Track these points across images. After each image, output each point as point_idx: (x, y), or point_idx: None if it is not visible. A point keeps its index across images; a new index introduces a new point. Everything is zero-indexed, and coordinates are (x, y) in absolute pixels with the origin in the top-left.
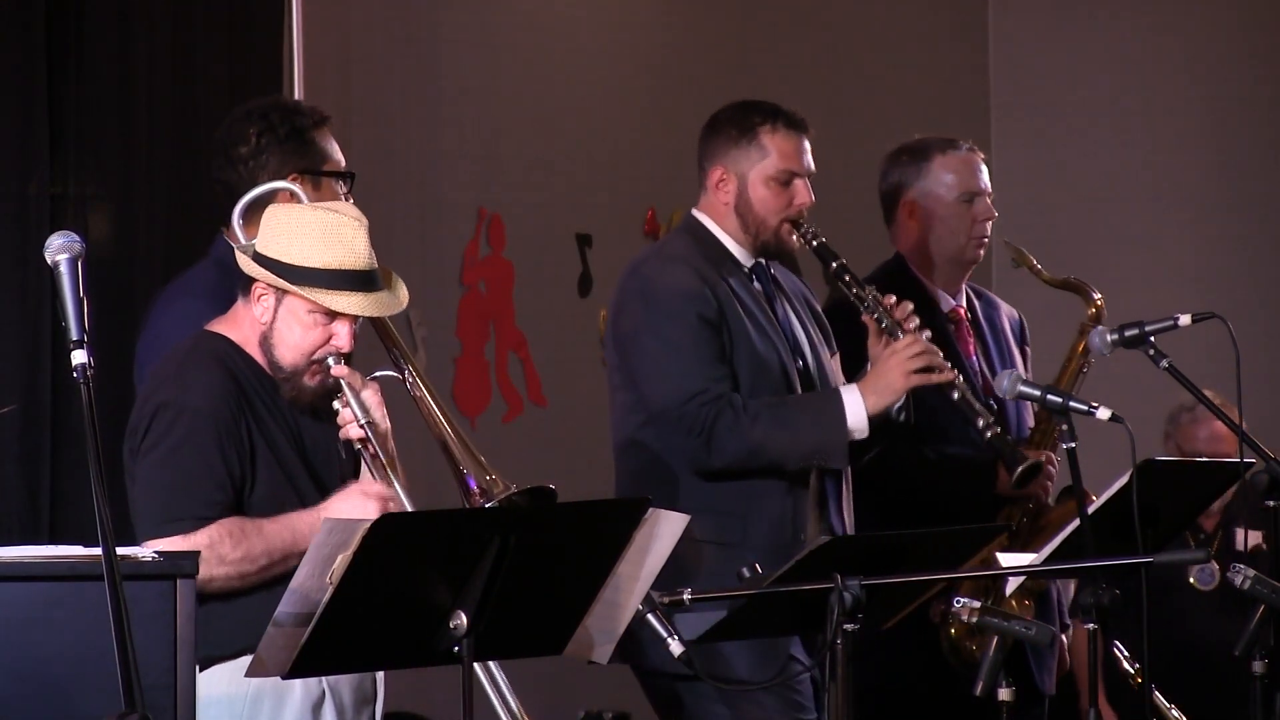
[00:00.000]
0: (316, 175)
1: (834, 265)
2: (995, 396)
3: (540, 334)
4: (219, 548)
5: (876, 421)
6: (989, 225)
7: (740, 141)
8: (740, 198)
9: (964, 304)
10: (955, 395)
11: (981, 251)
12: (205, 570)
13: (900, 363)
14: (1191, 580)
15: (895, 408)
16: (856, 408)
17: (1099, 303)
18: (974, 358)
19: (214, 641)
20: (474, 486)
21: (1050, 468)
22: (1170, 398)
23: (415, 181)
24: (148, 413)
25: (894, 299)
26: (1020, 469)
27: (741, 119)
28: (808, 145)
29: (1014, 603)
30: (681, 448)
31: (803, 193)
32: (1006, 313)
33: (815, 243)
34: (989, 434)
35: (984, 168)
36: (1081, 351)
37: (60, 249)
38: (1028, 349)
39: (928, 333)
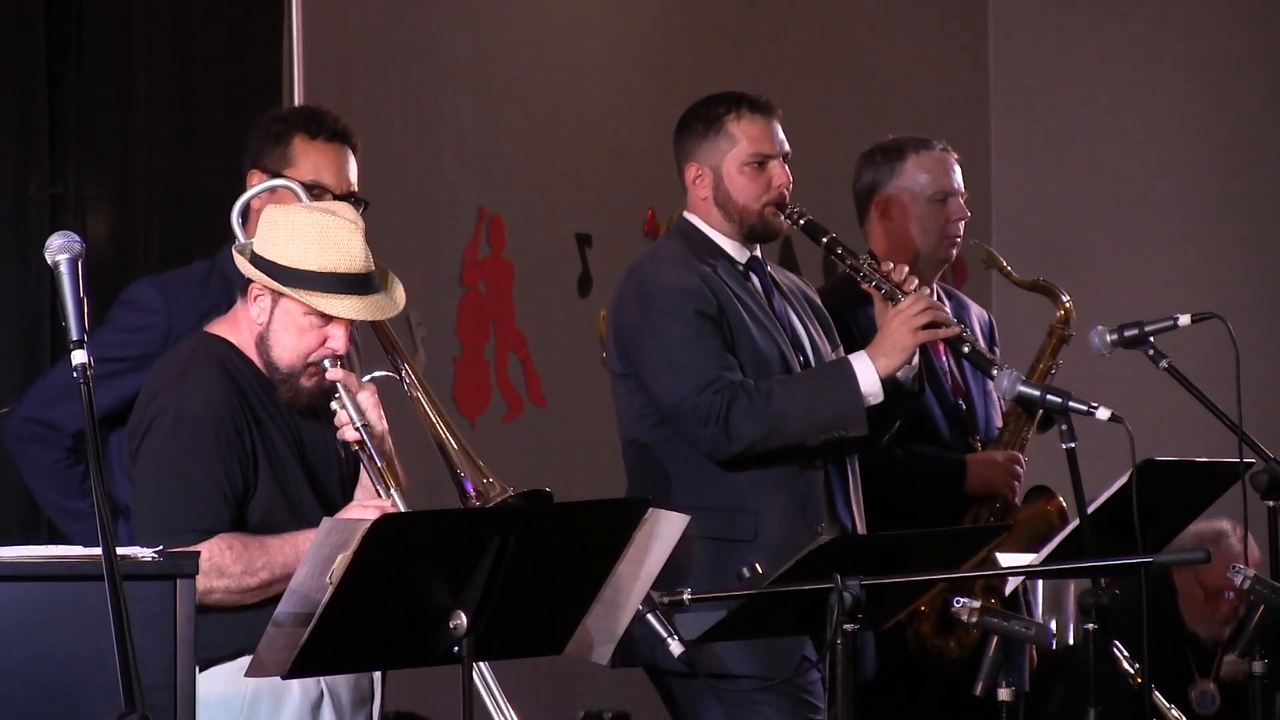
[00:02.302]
0: (272, 176)
1: (824, 240)
2: (963, 397)
3: (540, 334)
4: (218, 560)
5: (889, 386)
6: (961, 225)
7: (708, 134)
8: (718, 189)
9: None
10: (965, 349)
11: (954, 251)
12: (204, 583)
13: (906, 320)
14: (1193, 705)
15: (909, 375)
16: (868, 372)
17: (1068, 305)
18: (944, 358)
19: (210, 644)
20: (470, 489)
21: (1018, 467)
22: (1170, 398)
23: (415, 181)
24: (148, 417)
25: (891, 265)
26: (1040, 412)
27: (707, 112)
28: (777, 126)
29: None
30: (699, 439)
31: (779, 173)
32: (976, 313)
33: (803, 221)
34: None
35: (957, 168)
36: (1050, 353)
37: (60, 249)
38: (996, 349)
39: (928, 290)
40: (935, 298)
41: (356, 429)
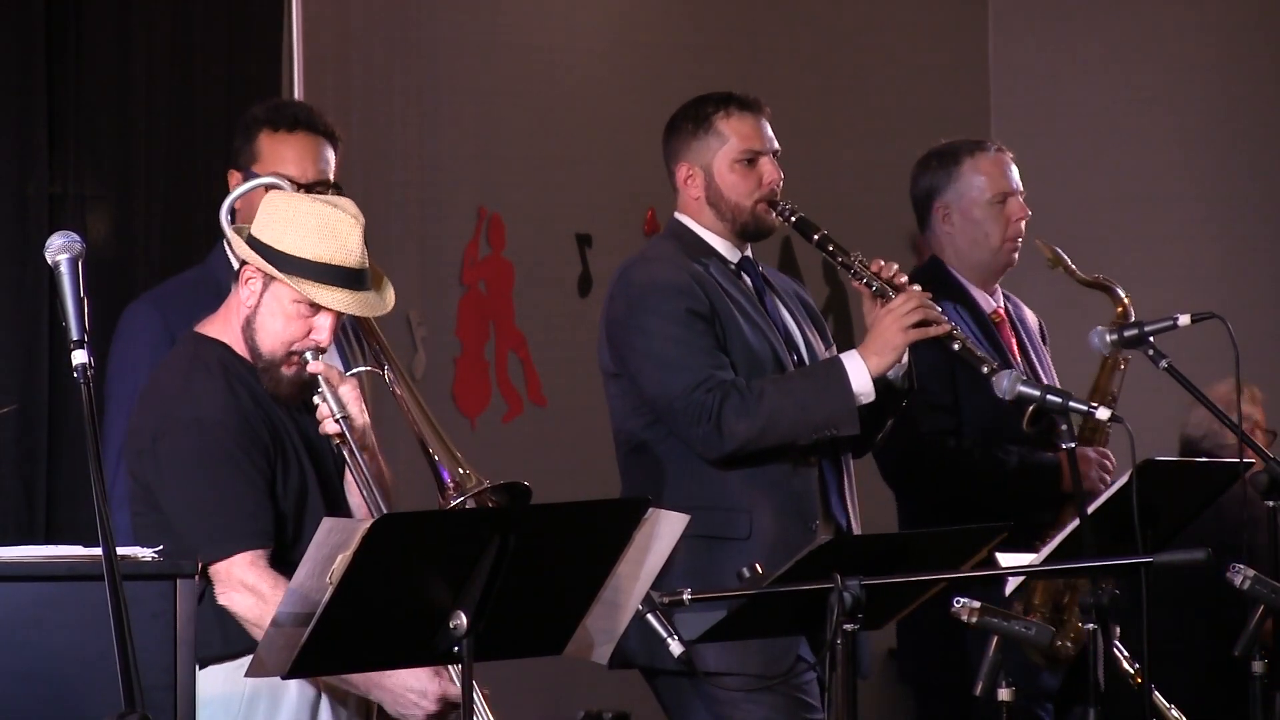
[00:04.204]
0: (245, 173)
1: (816, 237)
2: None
3: (540, 334)
4: (253, 584)
5: (880, 385)
6: (1023, 225)
7: (698, 133)
8: (709, 188)
9: (1001, 304)
10: (955, 346)
11: (1016, 253)
12: (264, 612)
13: (896, 319)
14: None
15: (899, 374)
16: (859, 371)
17: (1126, 301)
18: (1017, 358)
19: (207, 643)
20: (447, 480)
21: (1108, 462)
22: (1170, 398)
23: (415, 181)
24: (162, 428)
25: (882, 262)
26: (1030, 409)
27: (695, 112)
28: (766, 124)
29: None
30: (691, 438)
31: (770, 170)
32: (1031, 316)
33: (794, 218)
34: (992, 379)
35: (1014, 167)
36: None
37: (60, 249)
38: (1046, 348)
39: (918, 287)
40: (1000, 300)
41: (336, 421)
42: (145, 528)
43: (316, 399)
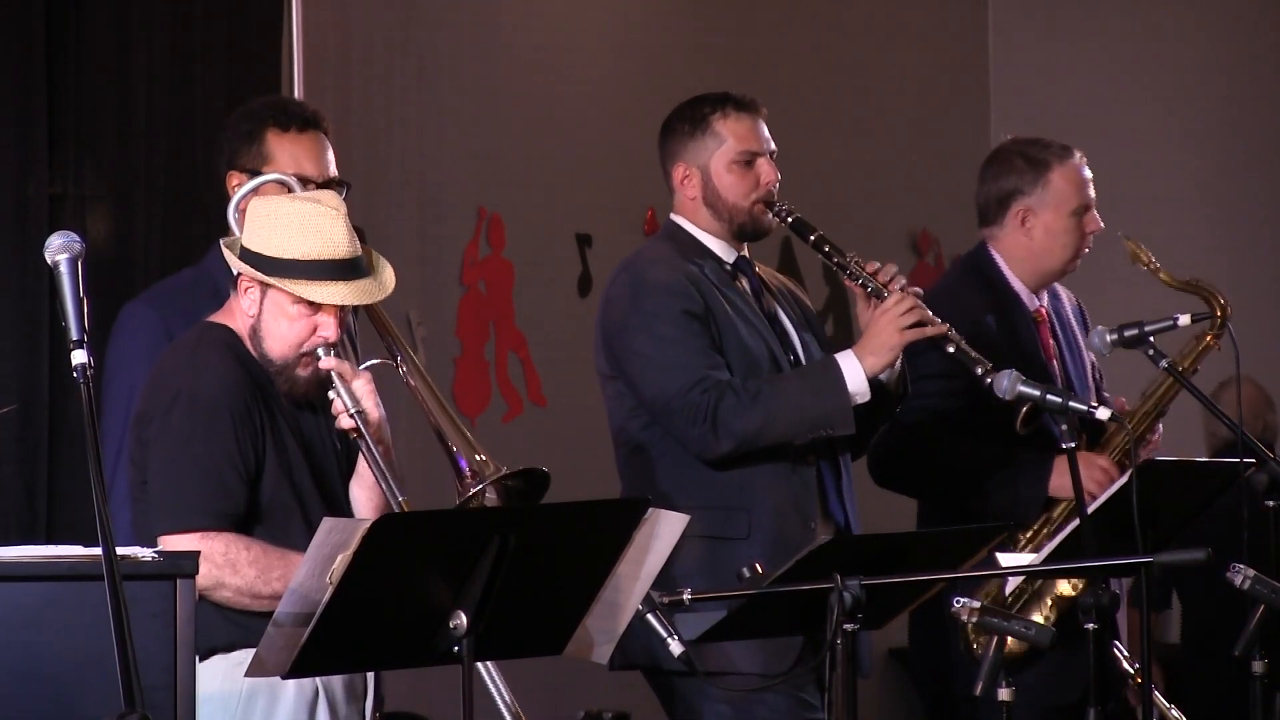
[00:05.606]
0: (254, 175)
1: (812, 237)
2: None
3: (540, 334)
4: (233, 555)
5: (873, 387)
6: (1092, 238)
7: (694, 134)
8: (707, 189)
9: (1046, 303)
10: (950, 348)
11: (1079, 262)
12: (216, 575)
13: (892, 319)
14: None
15: (892, 377)
16: (855, 371)
17: (1226, 307)
18: (1054, 360)
19: (205, 634)
20: (465, 468)
21: (1108, 473)
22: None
23: (415, 181)
24: (160, 402)
25: (877, 264)
26: (1024, 410)
27: (692, 113)
28: (763, 124)
29: None
30: (688, 439)
31: (767, 171)
32: (1066, 298)
33: (791, 219)
34: (989, 380)
35: (1089, 174)
36: (1202, 351)
37: (60, 249)
38: (1088, 331)
39: (917, 289)
40: (1045, 298)
41: (351, 416)
42: (142, 514)
43: (331, 394)
